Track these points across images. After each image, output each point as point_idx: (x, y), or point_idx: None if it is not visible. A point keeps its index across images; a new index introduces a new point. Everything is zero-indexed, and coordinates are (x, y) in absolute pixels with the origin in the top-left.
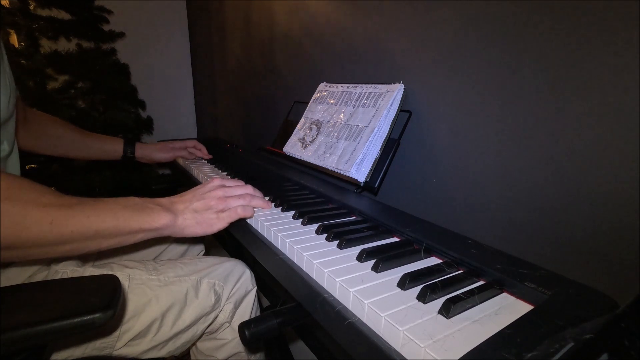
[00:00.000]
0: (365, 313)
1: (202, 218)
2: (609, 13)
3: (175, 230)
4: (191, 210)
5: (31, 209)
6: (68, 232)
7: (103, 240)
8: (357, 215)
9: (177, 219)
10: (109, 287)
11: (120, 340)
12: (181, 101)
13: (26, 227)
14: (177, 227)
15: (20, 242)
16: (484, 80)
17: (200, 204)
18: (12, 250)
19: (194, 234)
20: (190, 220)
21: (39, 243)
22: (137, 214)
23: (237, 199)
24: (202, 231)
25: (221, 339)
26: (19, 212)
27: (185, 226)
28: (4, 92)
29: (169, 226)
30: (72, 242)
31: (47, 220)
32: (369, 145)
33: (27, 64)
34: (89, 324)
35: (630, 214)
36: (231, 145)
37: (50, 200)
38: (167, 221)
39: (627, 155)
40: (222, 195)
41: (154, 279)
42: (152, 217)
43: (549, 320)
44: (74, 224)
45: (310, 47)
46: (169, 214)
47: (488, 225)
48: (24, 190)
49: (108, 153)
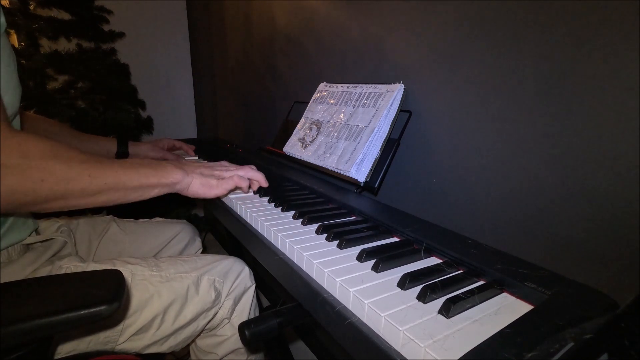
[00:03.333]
0: (365, 313)
1: (206, 181)
2: (609, 13)
3: (182, 187)
4: (198, 173)
5: (74, 164)
6: (102, 183)
7: (129, 192)
8: (357, 215)
9: (187, 176)
10: (113, 280)
11: (123, 335)
12: (181, 101)
13: (71, 179)
14: (185, 183)
15: (67, 193)
16: (484, 80)
17: (206, 170)
18: (60, 201)
19: (195, 194)
20: (196, 180)
21: (81, 194)
22: (154, 170)
23: (237, 170)
24: (203, 192)
25: (221, 336)
26: (66, 167)
27: (192, 184)
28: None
29: (180, 182)
30: (106, 193)
31: (86, 173)
32: (369, 145)
33: (27, 64)
34: (95, 316)
35: (630, 214)
36: (231, 145)
37: (86, 157)
38: (179, 177)
39: (627, 155)
40: (225, 168)
41: (156, 275)
42: (168, 173)
43: (549, 320)
44: (107, 177)
45: (310, 47)
46: (181, 171)
47: (488, 225)
48: (64, 150)
49: (102, 152)
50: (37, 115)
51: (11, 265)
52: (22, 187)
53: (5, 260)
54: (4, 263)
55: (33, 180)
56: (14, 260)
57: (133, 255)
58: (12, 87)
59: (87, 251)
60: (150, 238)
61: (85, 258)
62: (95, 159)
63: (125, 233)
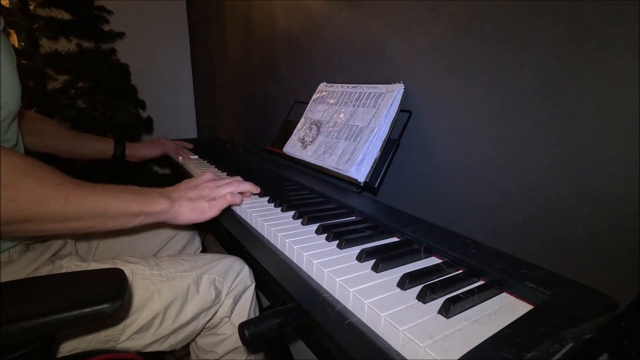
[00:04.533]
0: (365, 313)
1: (196, 206)
2: (609, 13)
3: (171, 216)
4: (186, 199)
5: (49, 185)
6: (80, 209)
7: (108, 220)
8: (357, 215)
9: (173, 205)
10: (115, 279)
11: (124, 334)
12: (181, 101)
13: (44, 201)
14: (173, 212)
15: (37, 216)
16: (484, 80)
17: (193, 193)
18: (29, 224)
19: (187, 221)
20: (185, 207)
21: (54, 218)
22: (137, 198)
23: (227, 187)
24: (195, 218)
25: (221, 334)
26: (38, 187)
27: (181, 212)
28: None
29: (166, 211)
30: (82, 220)
31: (62, 196)
32: (369, 145)
33: (27, 64)
34: (98, 314)
35: (630, 214)
36: (231, 145)
37: (64, 179)
38: (165, 206)
39: (627, 155)
40: (213, 186)
41: (157, 274)
42: (152, 202)
43: (548, 320)
44: (85, 202)
45: (310, 47)
46: (167, 200)
47: (488, 225)
48: (41, 169)
49: (99, 152)
50: (37, 115)
51: (12, 265)
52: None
53: (5, 260)
54: (4, 263)
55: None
56: (15, 260)
57: (132, 254)
58: (11, 87)
59: (87, 251)
60: (149, 237)
61: (85, 257)
62: (74, 181)
63: (124, 233)
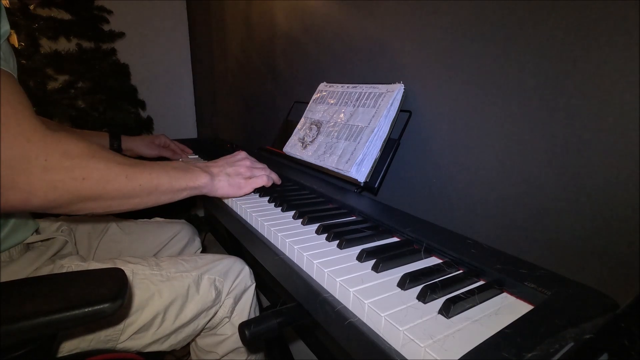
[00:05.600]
0: (365, 313)
1: (234, 181)
2: (609, 13)
3: (210, 189)
4: (224, 174)
5: (113, 165)
6: (137, 185)
7: (160, 195)
8: (357, 215)
9: (213, 179)
10: (116, 279)
11: (124, 334)
12: (181, 101)
13: (110, 180)
14: (213, 186)
15: (105, 193)
16: (484, 80)
17: (231, 169)
18: (96, 201)
19: (225, 195)
20: (224, 182)
21: (118, 195)
22: (183, 173)
23: (261, 170)
24: (232, 192)
25: (221, 335)
26: (104, 167)
27: (220, 187)
28: None
29: (207, 185)
30: (140, 196)
31: (123, 174)
32: (369, 145)
33: (27, 64)
34: (99, 313)
35: (630, 213)
36: (231, 145)
37: (122, 159)
38: (206, 180)
39: (627, 155)
40: (249, 165)
41: (157, 274)
42: (195, 176)
43: (548, 320)
44: (142, 179)
45: (310, 47)
46: (207, 174)
47: (488, 225)
48: (103, 151)
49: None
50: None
51: (12, 265)
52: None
53: (6, 260)
54: (5, 262)
55: (75, 178)
56: (15, 259)
57: (133, 255)
58: None
59: (87, 251)
60: (149, 238)
61: (86, 257)
62: (131, 161)
63: (124, 233)
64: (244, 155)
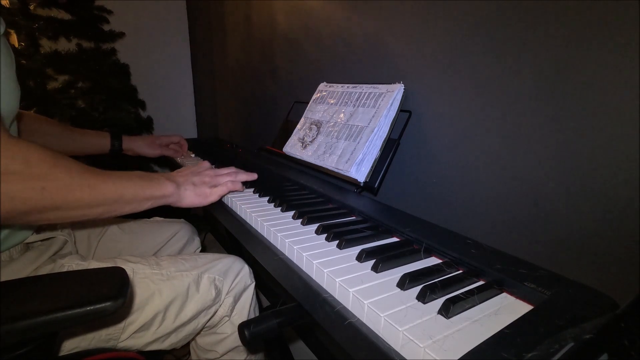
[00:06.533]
0: (364, 313)
1: (200, 191)
2: (609, 13)
3: (176, 199)
4: (190, 183)
5: (75, 175)
6: (101, 195)
7: (125, 205)
8: (357, 215)
9: (179, 189)
10: (117, 277)
11: (125, 332)
12: (181, 101)
13: (72, 190)
14: (178, 195)
15: (66, 204)
16: (484, 80)
17: (197, 178)
18: (58, 211)
19: (190, 204)
20: (190, 191)
21: (80, 205)
22: (148, 183)
23: (226, 176)
24: (198, 202)
25: (221, 333)
26: (67, 177)
27: (185, 196)
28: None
29: (173, 194)
30: (103, 205)
31: (86, 184)
32: (368, 145)
33: (27, 64)
34: (100, 312)
35: (630, 213)
36: (231, 145)
37: (86, 168)
38: (172, 190)
39: (627, 155)
40: (213, 173)
41: (157, 273)
42: (160, 186)
43: (548, 320)
44: (105, 188)
45: (310, 47)
46: (173, 183)
47: (488, 225)
48: (66, 160)
49: (95, 147)
50: (31, 114)
51: (12, 264)
52: (23, 194)
53: (6, 259)
54: (5, 262)
55: (34, 188)
56: (15, 259)
57: (132, 254)
58: (10, 90)
59: (86, 250)
60: (149, 237)
61: (86, 257)
62: (93, 170)
63: (124, 232)
64: (207, 165)
